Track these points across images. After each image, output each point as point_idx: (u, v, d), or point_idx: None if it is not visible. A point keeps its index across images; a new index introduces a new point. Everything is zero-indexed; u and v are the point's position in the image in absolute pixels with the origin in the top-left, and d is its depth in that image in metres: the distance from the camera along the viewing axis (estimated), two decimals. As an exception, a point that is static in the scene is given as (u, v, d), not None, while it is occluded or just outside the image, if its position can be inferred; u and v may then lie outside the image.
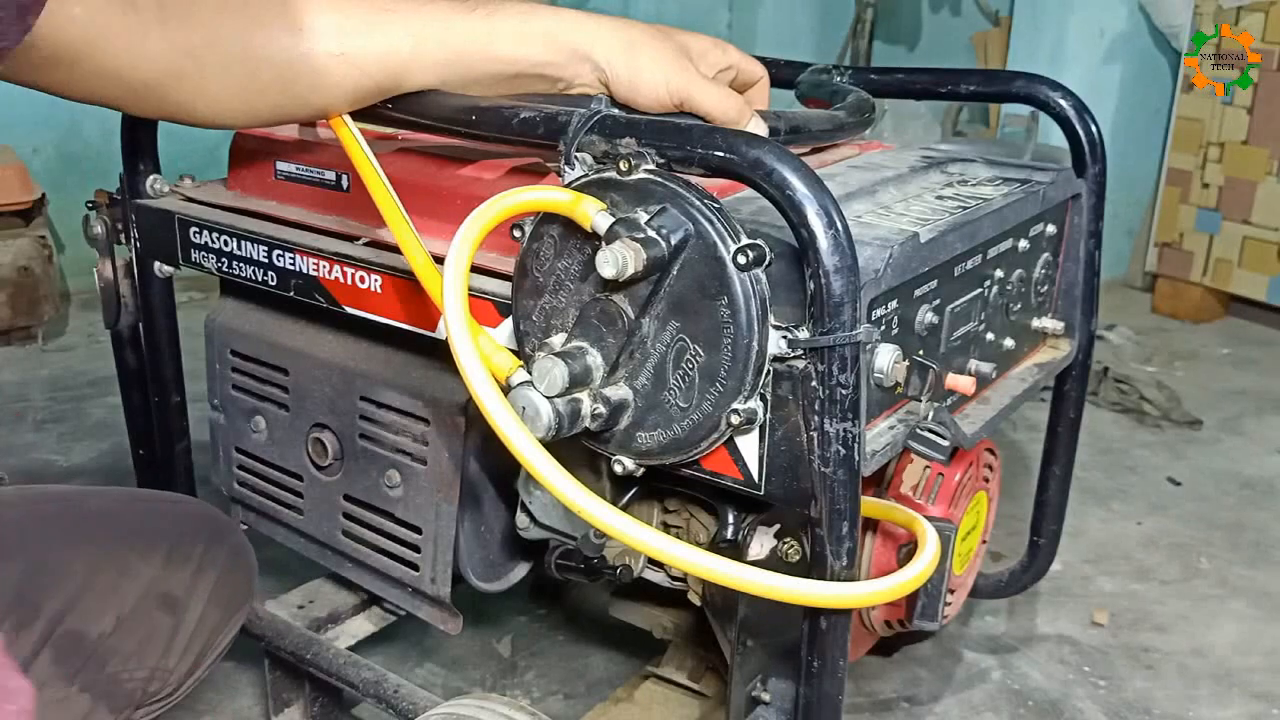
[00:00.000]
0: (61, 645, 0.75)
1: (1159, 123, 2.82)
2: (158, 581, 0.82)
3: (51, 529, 0.82)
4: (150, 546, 0.84)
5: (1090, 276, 1.04)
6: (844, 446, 0.67)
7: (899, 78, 1.09)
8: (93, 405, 2.00)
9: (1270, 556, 1.61)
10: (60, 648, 0.75)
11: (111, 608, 0.79)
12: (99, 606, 0.78)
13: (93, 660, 0.77)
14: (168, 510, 0.91)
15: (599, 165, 0.71)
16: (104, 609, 0.78)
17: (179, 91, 0.73)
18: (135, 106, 0.75)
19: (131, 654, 0.79)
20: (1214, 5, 2.50)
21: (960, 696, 1.28)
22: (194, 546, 0.86)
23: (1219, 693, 1.30)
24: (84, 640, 0.76)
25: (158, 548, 0.84)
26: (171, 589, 0.83)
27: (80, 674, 0.75)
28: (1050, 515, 1.18)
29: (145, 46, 0.69)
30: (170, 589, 0.83)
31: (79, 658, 0.76)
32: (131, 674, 0.79)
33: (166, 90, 0.72)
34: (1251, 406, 2.16)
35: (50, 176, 2.47)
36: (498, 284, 0.81)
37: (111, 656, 0.78)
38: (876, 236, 0.75)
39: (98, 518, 0.86)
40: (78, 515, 0.85)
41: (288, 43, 0.74)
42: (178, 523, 0.88)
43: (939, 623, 0.89)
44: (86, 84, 0.69)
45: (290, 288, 0.95)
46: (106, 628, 0.78)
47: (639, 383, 0.71)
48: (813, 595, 0.68)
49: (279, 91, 0.76)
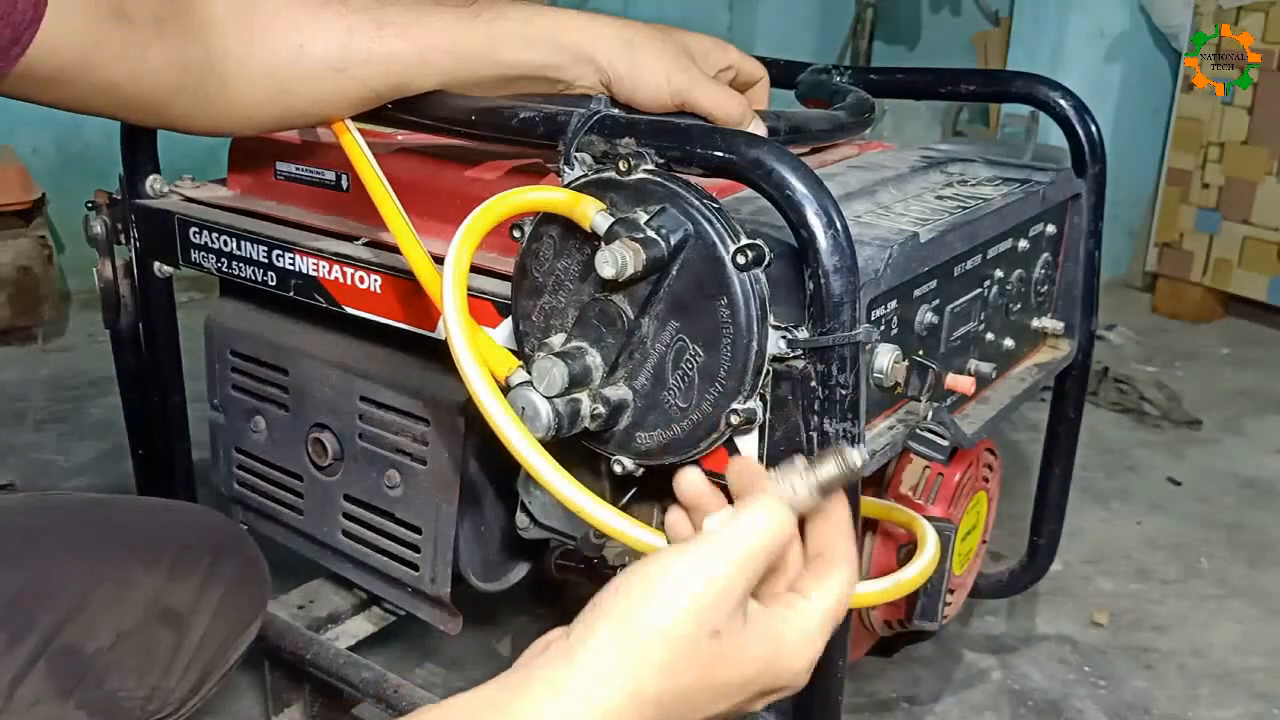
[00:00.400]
0: (57, 661, 0.72)
1: (1159, 123, 2.82)
2: (161, 595, 0.79)
3: (55, 538, 0.79)
4: (154, 558, 0.80)
5: (1090, 276, 1.04)
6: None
7: (899, 78, 1.09)
8: (93, 405, 2.00)
9: (1270, 556, 1.61)
10: (55, 663, 0.72)
11: (111, 622, 0.76)
12: (98, 620, 0.75)
13: (89, 677, 0.74)
14: (176, 520, 0.88)
15: (598, 165, 0.71)
16: (103, 623, 0.75)
17: (178, 104, 0.73)
18: (135, 118, 0.75)
19: (130, 671, 0.76)
20: (1214, 5, 2.50)
21: (960, 696, 1.28)
22: (201, 559, 0.83)
23: (1219, 693, 1.30)
24: (80, 656, 0.74)
25: (162, 559, 0.81)
26: (175, 603, 0.80)
27: (76, 691, 0.73)
28: (1050, 515, 1.18)
29: (144, 62, 0.69)
30: (173, 603, 0.80)
31: (75, 674, 0.73)
32: (130, 692, 0.76)
33: (166, 104, 0.72)
34: (1251, 406, 2.16)
35: (50, 176, 2.46)
36: (497, 284, 0.81)
37: (109, 673, 0.75)
38: (876, 236, 0.75)
39: (102, 527, 0.83)
40: (82, 524, 0.82)
41: (288, 58, 0.74)
42: (185, 533, 0.85)
43: (939, 623, 0.89)
44: (86, 99, 0.69)
45: (290, 288, 0.95)
46: (105, 643, 0.75)
47: (638, 383, 0.71)
48: (812, 595, 0.68)
49: (279, 104, 0.76)
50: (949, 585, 0.92)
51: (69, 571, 0.76)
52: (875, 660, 1.31)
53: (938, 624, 0.90)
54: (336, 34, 0.74)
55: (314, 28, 0.74)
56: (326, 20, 0.74)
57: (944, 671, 1.32)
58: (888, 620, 0.98)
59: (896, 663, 1.32)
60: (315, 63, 0.74)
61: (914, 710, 1.25)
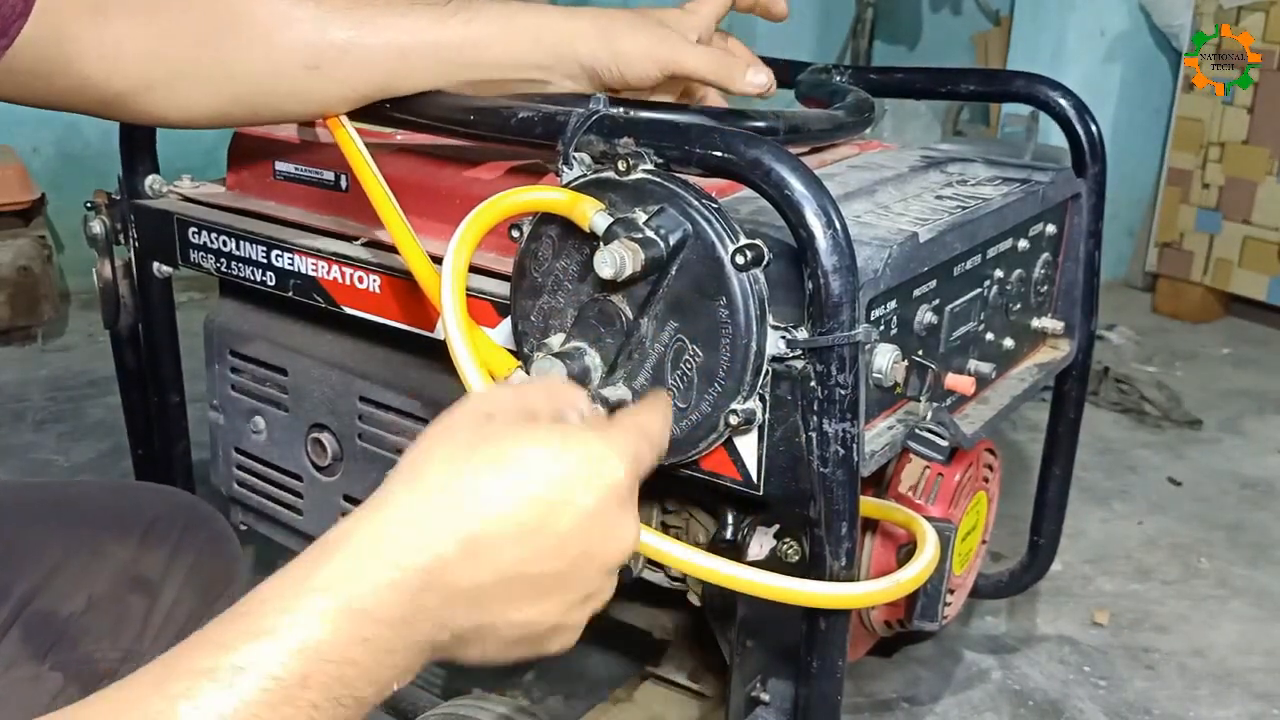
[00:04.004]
0: (31, 625, 0.74)
1: (1159, 123, 2.82)
2: (131, 563, 0.81)
3: (25, 515, 0.81)
4: (125, 530, 0.82)
5: (1090, 276, 1.04)
6: (843, 447, 0.66)
7: (899, 78, 1.09)
8: (93, 405, 2.00)
9: (1270, 556, 1.61)
10: (30, 628, 0.73)
11: (83, 588, 0.77)
12: (70, 587, 0.77)
13: (64, 640, 0.75)
14: (146, 496, 0.89)
15: (597, 165, 0.71)
16: (75, 589, 0.77)
17: (150, 99, 0.74)
18: (109, 113, 0.76)
19: (104, 634, 0.78)
20: (1214, 5, 2.50)
21: (960, 696, 1.28)
22: (170, 530, 0.84)
23: (1219, 693, 1.30)
24: (54, 620, 0.75)
25: (132, 531, 0.82)
26: (145, 571, 0.81)
27: (50, 654, 0.74)
28: (1050, 515, 1.18)
29: (118, 59, 0.70)
30: (143, 571, 0.81)
31: (49, 638, 0.75)
32: (104, 654, 0.77)
33: (138, 98, 0.73)
34: (1251, 406, 2.16)
35: (50, 176, 2.46)
36: (496, 284, 0.81)
37: (83, 636, 0.76)
38: (875, 236, 0.75)
39: (73, 502, 0.85)
40: (54, 502, 0.84)
41: (260, 57, 0.74)
42: (154, 507, 0.86)
43: (939, 623, 0.89)
44: (61, 95, 0.70)
45: (289, 288, 0.95)
46: (78, 608, 0.77)
47: (637, 383, 0.71)
48: (812, 596, 0.68)
49: (252, 102, 0.76)
50: (949, 585, 0.92)
51: (41, 543, 0.78)
52: (875, 660, 1.31)
53: (938, 624, 0.90)
54: (308, 32, 0.74)
55: (285, 25, 0.74)
56: (299, 16, 0.74)
57: (944, 671, 1.32)
58: (887, 620, 0.98)
59: (896, 663, 1.32)
60: (287, 59, 0.74)
61: (914, 710, 1.25)
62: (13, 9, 0.61)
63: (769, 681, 0.92)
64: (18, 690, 0.72)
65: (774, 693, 0.91)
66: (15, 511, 0.81)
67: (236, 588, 0.91)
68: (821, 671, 0.73)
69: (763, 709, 0.92)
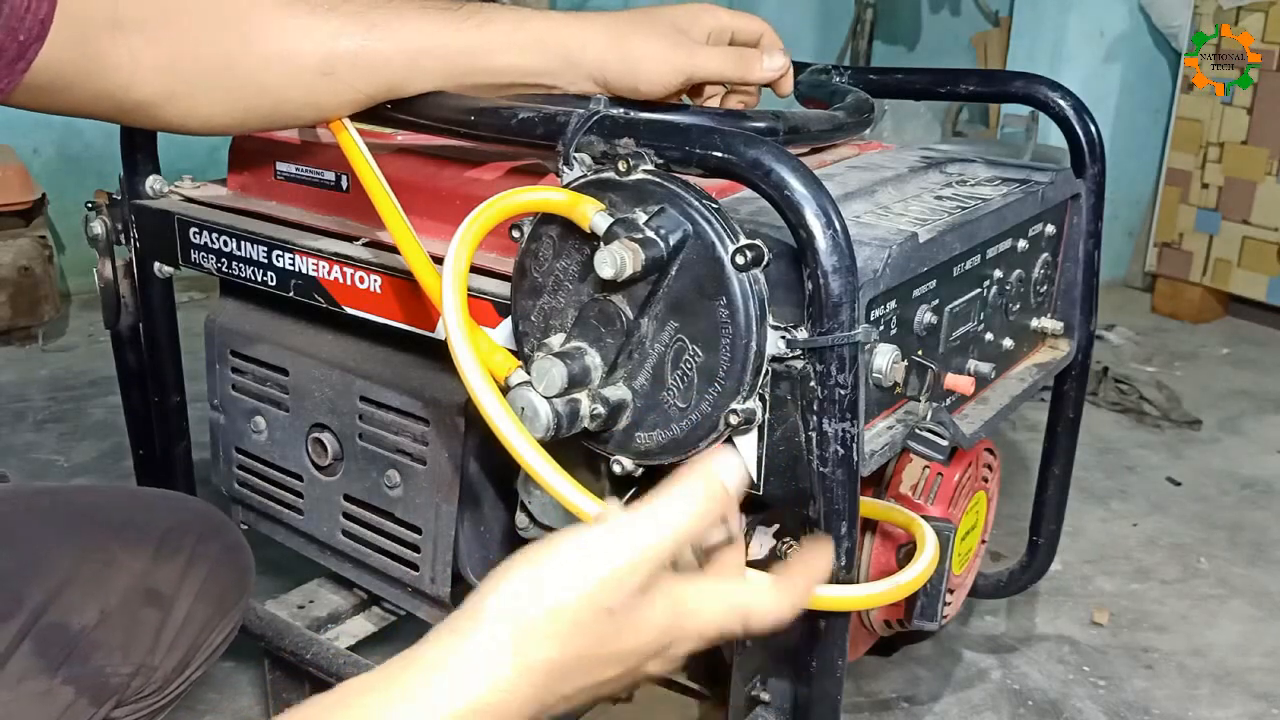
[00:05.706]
0: (43, 637, 0.74)
1: (1159, 123, 2.82)
2: (145, 575, 0.81)
3: (39, 522, 0.81)
4: (138, 540, 0.82)
5: (1090, 276, 1.04)
6: (842, 447, 0.67)
7: (899, 78, 1.09)
8: (93, 405, 2.00)
9: (1270, 556, 1.61)
10: (42, 640, 0.74)
11: (95, 601, 0.77)
12: (82, 599, 0.77)
13: (76, 653, 0.76)
14: (160, 505, 0.89)
15: (597, 166, 0.71)
16: (87, 602, 0.77)
17: (171, 109, 0.74)
18: (129, 121, 0.76)
19: (116, 648, 0.78)
20: (1214, 5, 2.50)
21: (960, 696, 1.28)
22: (184, 542, 0.84)
23: (1219, 692, 1.30)
24: (67, 633, 0.75)
25: (146, 542, 0.82)
26: (158, 584, 0.81)
27: (63, 667, 0.74)
28: (1050, 515, 1.18)
29: (137, 71, 0.70)
30: (157, 584, 0.81)
31: (61, 650, 0.75)
32: (116, 669, 0.77)
33: (158, 109, 0.73)
34: (1251, 406, 2.16)
35: (50, 176, 2.47)
36: (496, 284, 0.81)
37: (95, 650, 0.77)
38: (875, 237, 0.75)
39: (86, 511, 0.85)
40: (67, 509, 0.84)
41: (277, 65, 0.74)
42: (169, 517, 0.86)
43: (938, 623, 0.89)
44: (81, 106, 0.70)
45: (290, 288, 0.95)
46: (90, 621, 0.77)
47: (637, 383, 0.71)
48: (812, 597, 0.68)
49: (269, 108, 0.77)
50: (948, 585, 0.92)
51: (54, 552, 0.78)
52: (875, 660, 1.31)
53: (937, 624, 0.90)
54: (324, 38, 0.75)
55: (301, 32, 0.74)
56: (314, 24, 0.75)
57: (943, 671, 1.32)
58: (887, 620, 0.98)
59: (896, 662, 1.32)
60: (303, 66, 0.75)
61: (913, 710, 1.25)
62: (29, 33, 0.62)
63: (769, 681, 0.92)
64: (29, 705, 0.72)
65: (774, 692, 0.92)
66: (28, 519, 0.81)
67: (248, 600, 0.92)
68: (821, 671, 0.73)
69: (763, 709, 0.92)
